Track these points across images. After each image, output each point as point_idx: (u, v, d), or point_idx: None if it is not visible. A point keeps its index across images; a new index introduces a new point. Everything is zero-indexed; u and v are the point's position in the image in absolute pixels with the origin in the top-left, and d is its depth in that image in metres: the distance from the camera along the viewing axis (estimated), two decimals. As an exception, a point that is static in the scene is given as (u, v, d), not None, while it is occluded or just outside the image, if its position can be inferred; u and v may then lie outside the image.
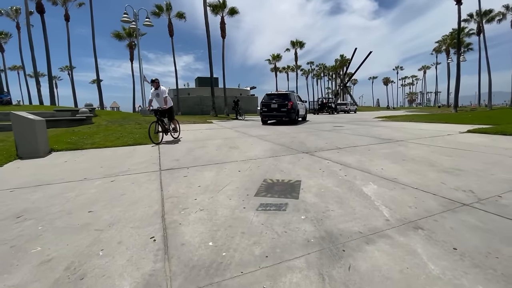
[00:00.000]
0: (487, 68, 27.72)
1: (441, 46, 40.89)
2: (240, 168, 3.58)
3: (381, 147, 4.92)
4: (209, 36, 17.63)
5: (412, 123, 10.08)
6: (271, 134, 7.48)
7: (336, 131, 7.93)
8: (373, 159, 3.91)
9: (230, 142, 6.01)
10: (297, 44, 43.08)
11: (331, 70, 69.40)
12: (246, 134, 7.57)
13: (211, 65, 18.24)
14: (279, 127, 10.04)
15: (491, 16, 29.48)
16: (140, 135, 6.92)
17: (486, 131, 6.15)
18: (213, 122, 12.98)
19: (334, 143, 5.48)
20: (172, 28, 24.58)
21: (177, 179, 3.13)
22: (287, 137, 6.66)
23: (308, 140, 6.03)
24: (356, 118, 16.40)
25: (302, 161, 3.92)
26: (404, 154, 4.22)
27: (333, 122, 12.77)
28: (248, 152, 4.75)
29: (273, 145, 5.42)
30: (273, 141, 5.98)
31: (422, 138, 5.85)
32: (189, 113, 27.84)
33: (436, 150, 4.40)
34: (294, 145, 5.41)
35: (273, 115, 11.84)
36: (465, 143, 5.02)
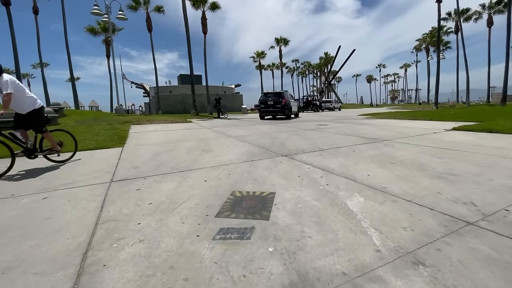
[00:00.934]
0: (465, 66, 28.57)
1: (421, 44, 41.95)
2: (207, 176, 3.07)
3: (367, 147, 4.55)
4: (188, 31, 16.84)
5: (396, 120, 9.92)
6: (251, 134, 7.00)
7: (320, 130, 7.56)
8: (358, 163, 3.51)
9: (204, 144, 5.47)
10: (281, 41, 42.75)
11: (316, 68, 69.91)
12: (224, 134, 7.04)
13: (190, 61, 17.48)
14: (261, 126, 9.58)
15: (468, 15, 30.39)
16: (105, 138, 6.23)
17: (472, 129, 5.96)
18: (192, 121, 12.33)
19: (316, 144, 5.07)
20: (150, 23, 23.46)
21: (126, 193, 2.58)
22: (268, 138, 6.20)
23: (289, 141, 5.60)
24: (341, 116, 16.23)
25: (280, 166, 3.46)
26: (392, 155, 3.86)
27: (318, 120, 12.47)
28: (222, 156, 4.24)
29: (251, 147, 4.94)
30: (252, 143, 5.50)
31: (409, 137, 5.56)
32: (171, 112, 26.86)
33: (425, 151, 4.08)
34: (274, 147, 4.96)
35: (269, 111, 13.61)
36: (453, 142, 4.76)
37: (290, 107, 13.53)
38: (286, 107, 13.10)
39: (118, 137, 6.38)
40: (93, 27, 24.19)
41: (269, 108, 13.50)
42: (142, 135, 7.01)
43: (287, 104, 13.15)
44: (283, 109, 13.16)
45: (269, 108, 13.51)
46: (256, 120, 13.06)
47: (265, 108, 13.69)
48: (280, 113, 13.47)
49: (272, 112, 13.63)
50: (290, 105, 13.66)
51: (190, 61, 17.55)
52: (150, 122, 10.78)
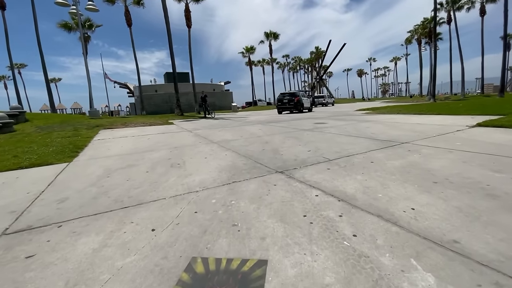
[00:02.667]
0: (460, 57, 28.04)
1: (413, 36, 41.40)
2: (160, 219, 1.94)
3: (386, 154, 3.48)
4: (168, 23, 15.42)
5: (400, 115, 8.94)
6: (239, 138, 5.85)
7: (319, 130, 6.47)
8: (386, 183, 2.43)
9: (177, 154, 4.31)
10: (271, 35, 41.46)
11: (307, 63, 69.05)
12: (206, 139, 5.87)
13: (172, 57, 16.10)
14: (251, 127, 8.44)
15: (460, 4, 29.83)
16: (56, 149, 4.98)
17: (502, 124, 4.98)
18: (174, 122, 11.07)
19: (320, 151, 3.98)
20: (129, 17, 21.81)
21: (2, 269, 1.42)
22: (258, 142, 5.07)
23: (285, 147, 4.49)
24: (337, 112, 15.24)
25: (274, 193, 2.35)
26: (426, 168, 2.80)
27: (313, 117, 11.42)
28: (194, 174, 3.10)
29: (235, 158, 3.80)
30: (238, 150, 4.37)
31: (430, 137, 4.53)
32: (156, 112, 25.44)
33: (468, 159, 3.03)
34: (265, 156, 3.84)
35: (285, 107, 16.74)
36: (493, 143, 3.74)
37: (302, 103, 16.44)
38: (298, 104, 16.19)
39: (73, 147, 5.15)
40: (67, 23, 22.36)
41: (285, 105, 16.63)
42: (105, 144, 5.78)
43: (300, 101, 16.20)
44: (296, 105, 16.27)
45: (285, 105, 16.64)
46: (246, 120, 11.93)
47: (282, 105, 16.80)
48: (294, 109, 16.49)
49: (287, 108, 16.68)
50: (302, 102, 16.49)
51: (172, 57, 16.18)
52: (124, 126, 9.49)
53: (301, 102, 16.46)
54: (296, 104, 16.29)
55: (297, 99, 16.20)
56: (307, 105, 17.96)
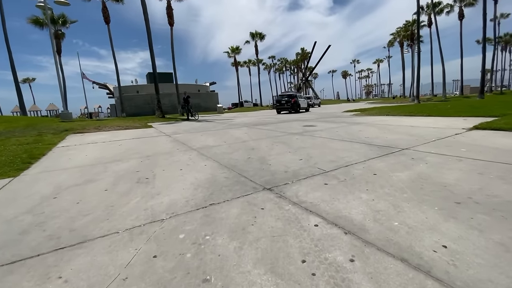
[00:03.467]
0: (441, 59, 28.77)
1: (396, 39, 42.30)
2: (102, 271, 1.38)
3: (388, 164, 3.05)
4: (147, 20, 14.53)
5: (391, 117, 8.69)
6: (222, 143, 5.30)
7: (309, 134, 6.03)
8: (399, 204, 1.98)
9: (148, 165, 3.70)
10: (257, 35, 41.03)
11: (293, 64, 69.29)
12: (185, 145, 5.27)
13: (152, 55, 15.21)
14: (236, 130, 7.90)
15: (440, 8, 30.70)
16: (5, 159, 4.23)
17: (500, 127, 4.73)
18: (153, 125, 10.31)
19: (312, 159, 3.51)
20: (107, 14, 20.62)
21: None
22: (244, 149, 4.54)
23: (273, 154, 3.98)
24: (325, 113, 14.97)
25: (262, 221, 1.83)
26: (441, 183, 2.37)
27: (301, 119, 11.03)
28: (163, 193, 2.52)
29: (216, 170, 3.25)
30: (220, 159, 3.82)
31: (429, 141, 4.18)
32: (137, 114, 24.33)
33: (483, 169, 2.65)
34: (250, 166, 3.32)
35: (283, 108, 17.97)
36: (500, 149, 3.42)
37: (298, 104, 17.83)
38: (295, 104, 17.52)
39: (27, 157, 4.40)
40: (38, 18, 20.81)
41: (283, 106, 17.88)
42: (68, 152, 5.05)
43: (296, 102, 17.57)
44: (293, 106, 17.52)
45: (283, 105, 17.92)
46: (231, 122, 11.37)
47: (280, 105, 18.10)
48: (291, 109, 17.67)
49: (285, 108, 17.92)
50: (299, 103, 17.89)
51: (151, 56, 15.28)
52: (97, 130, 8.66)
53: (298, 103, 17.82)
54: (293, 105, 17.55)
55: (293, 100, 17.49)
56: (303, 106, 19.23)
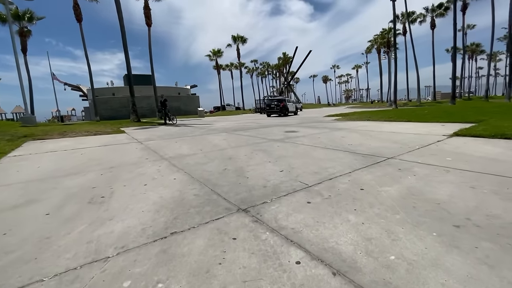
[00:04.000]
0: (415, 66, 30.09)
1: (373, 46, 43.87)
2: None
3: (375, 176, 2.82)
4: (121, 19, 13.76)
5: (371, 122, 8.68)
6: (197, 152, 4.89)
7: (291, 141, 5.77)
8: (393, 229, 1.71)
9: (107, 180, 3.22)
10: (238, 39, 40.85)
11: (275, 68, 69.90)
12: (156, 154, 4.81)
13: (126, 54, 14.42)
14: (215, 136, 7.50)
15: (414, 17, 32.21)
16: None
17: (481, 134, 4.71)
18: (126, 131, 9.64)
19: (294, 171, 3.21)
20: (79, 12, 19.44)
21: None
22: (220, 158, 4.17)
23: (251, 164, 3.64)
24: (306, 118, 14.92)
25: (232, 258, 1.48)
26: (434, 200, 2.15)
27: (283, 124, 10.81)
28: (117, 217, 2.10)
29: (185, 185, 2.86)
30: (192, 171, 3.42)
31: (413, 149, 4.04)
32: (113, 118, 23.15)
33: (474, 182, 2.47)
34: (226, 180, 2.95)
35: (273, 111, 19.03)
36: (485, 158, 3.30)
37: (287, 108, 18.97)
38: (284, 108, 18.73)
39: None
40: (0, 13, 19.21)
41: (273, 109, 19.06)
42: (18, 163, 4.41)
43: (285, 106, 18.79)
44: (282, 109, 18.73)
45: (272, 109, 19.09)
46: (211, 127, 10.94)
47: (270, 109, 19.27)
48: (280, 113, 18.81)
49: (274, 112, 19.04)
50: (287, 107, 19.06)
51: (126, 56, 14.47)
52: (62, 136, 7.90)
53: (286, 107, 18.96)
54: (282, 108, 18.75)
55: (282, 104, 18.75)
56: (292, 109, 20.40)
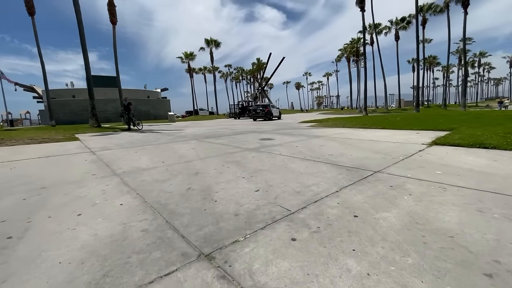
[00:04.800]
0: (382, 74, 31.70)
1: (343, 54, 45.71)
2: None
3: (367, 198, 2.40)
4: (78, 11, 12.36)
5: (347, 129, 8.54)
6: (159, 164, 4.19)
7: (267, 150, 5.28)
8: (409, 283, 1.24)
9: (30, 206, 2.44)
10: (212, 42, 40.11)
11: (249, 74, 70.02)
12: (108, 168, 4.02)
13: (85, 52, 13.02)
14: (182, 144, 6.79)
15: (380, 29, 34.08)
16: None
17: (459, 143, 4.60)
18: (80, 138, 8.49)
19: (272, 190, 2.69)
20: (32, 4, 17.41)
21: None
22: (185, 173, 3.53)
23: (222, 182, 3.06)
24: (281, 124, 14.66)
25: None
26: (444, 230, 1.75)
27: (258, 130, 10.35)
28: (17, 277, 1.41)
29: (132, 215, 2.20)
30: (146, 193, 2.75)
31: (398, 161, 3.75)
32: (73, 122, 21.13)
33: (478, 204, 2.14)
34: (187, 206, 2.34)
35: (258, 116, 21.36)
36: (474, 171, 3.06)
37: (271, 113, 21.31)
38: (268, 113, 21.06)
39: None
40: None
41: (259, 114, 21.42)
42: None
43: (269, 111, 21.12)
44: (267, 114, 21.05)
45: (258, 114, 21.45)
46: (180, 134, 10.14)
47: (256, 114, 21.67)
48: (265, 117, 21.10)
49: (260, 116, 21.36)
50: (271, 111, 21.42)
51: (84, 52, 13.01)
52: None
53: (271, 112, 21.30)
54: (267, 113, 21.05)
55: (267, 110, 21.14)
56: (276, 114, 22.66)
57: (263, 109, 21.26)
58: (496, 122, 7.21)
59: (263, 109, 21.31)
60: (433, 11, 30.97)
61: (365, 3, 25.24)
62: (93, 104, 13.46)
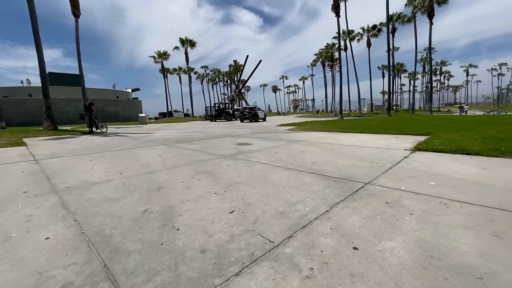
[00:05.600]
0: (356, 79, 32.75)
1: (319, 59, 46.77)
2: None
3: (364, 220, 2.00)
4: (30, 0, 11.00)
5: (326, 133, 8.33)
6: (115, 177, 3.52)
7: (245, 157, 4.79)
8: None
9: None
10: (187, 42, 38.88)
11: (226, 76, 69.28)
12: (48, 182, 3.28)
13: (38, 43, 11.56)
14: (149, 151, 6.10)
15: (353, 35, 35.30)
16: None
17: (442, 149, 4.47)
18: (27, 143, 7.37)
19: (251, 212, 2.21)
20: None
21: None
22: (145, 188, 2.93)
23: (188, 200, 2.52)
24: (259, 127, 14.27)
25: None
26: (467, 266, 1.39)
27: (234, 134, 9.83)
28: None
29: (59, 255, 1.59)
30: (88, 218, 2.14)
31: (386, 170, 3.45)
32: (29, 124, 19.10)
33: (490, 224, 1.83)
34: (137, 241, 1.78)
35: (245, 117, 23.26)
36: (467, 181, 2.83)
37: (257, 115, 23.33)
38: (255, 115, 23.02)
39: None
40: None
41: (246, 116, 23.27)
42: None
43: (256, 113, 23.11)
44: (253, 116, 22.98)
45: (245, 115, 23.29)
46: (148, 138, 9.32)
47: (243, 116, 23.50)
48: (251, 119, 23.05)
49: (246, 118, 23.23)
50: (257, 114, 23.45)
51: (37, 47, 11.50)
52: None
53: (257, 114, 23.25)
54: (253, 115, 22.96)
55: (254, 112, 23.12)
56: (261, 116, 24.76)
57: (250, 112, 23.34)
58: (469, 127, 7.40)
59: (250, 111, 23.40)
60: (402, 21, 32.85)
61: (340, 8, 25.94)
62: (48, 103, 12.02)
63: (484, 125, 7.67)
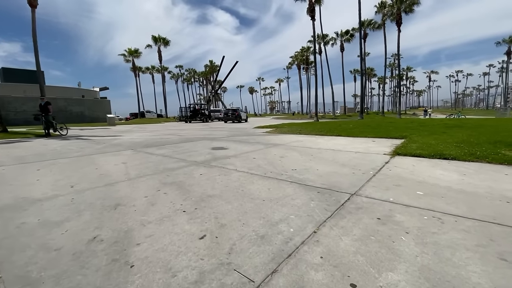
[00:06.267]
0: (330, 82, 33.61)
1: (294, 61, 47.48)
2: None
3: (357, 243, 1.75)
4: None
5: (304, 136, 8.19)
6: (64, 191, 2.98)
7: (220, 163, 4.41)
8: None
9: None
10: (160, 40, 37.33)
11: (202, 76, 67.95)
12: (-26, 200, 2.66)
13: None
14: (112, 157, 5.49)
15: (327, 40, 36.26)
16: None
17: (420, 154, 4.45)
18: (-35, 148, 6.37)
19: (226, 235, 1.86)
20: None
21: None
22: (98, 206, 2.45)
23: (151, 221, 2.11)
24: (235, 129, 13.88)
25: None
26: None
27: (210, 137, 9.37)
28: None
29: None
30: (12, 253, 1.65)
31: (370, 177, 3.28)
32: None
33: (492, 244, 1.66)
34: (73, 287, 1.34)
35: (229, 118, 25.57)
36: (453, 189, 2.71)
37: (240, 116, 25.35)
38: (238, 116, 25.08)
39: None
40: None
41: (229, 117, 25.23)
42: None
43: (239, 115, 25.11)
44: (236, 117, 25.03)
45: (229, 116, 25.27)
46: (114, 141, 8.56)
47: (227, 116, 25.45)
48: (235, 120, 25.08)
49: (230, 119, 25.32)
50: (240, 115, 25.40)
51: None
52: None
53: (240, 115, 25.28)
54: (237, 116, 25.00)
55: (237, 113, 25.11)
56: (243, 117, 26.64)
57: (233, 113, 25.25)
58: (440, 130, 7.67)
59: (233, 112, 25.35)
60: (372, 27, 34.42)
61: (315, 12, 26.48)
62: (-4, 103, 10.62)
63: (452, 129, 8.01)
